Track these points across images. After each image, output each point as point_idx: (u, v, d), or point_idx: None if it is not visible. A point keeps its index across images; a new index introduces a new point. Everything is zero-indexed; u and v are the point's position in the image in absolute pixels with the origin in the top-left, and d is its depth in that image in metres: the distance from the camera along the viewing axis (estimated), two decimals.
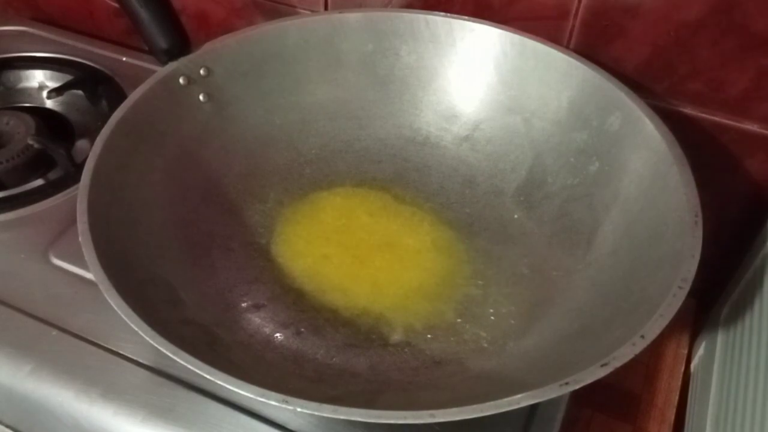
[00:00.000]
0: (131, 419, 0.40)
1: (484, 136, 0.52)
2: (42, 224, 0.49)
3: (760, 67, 0.45)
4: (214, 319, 0.42)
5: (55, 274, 0.46)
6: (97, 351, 0.42)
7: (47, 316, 0.44)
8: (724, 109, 0.48)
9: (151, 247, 0.43)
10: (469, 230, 0.48)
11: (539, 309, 0.43)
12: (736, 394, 0.41)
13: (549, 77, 0.49)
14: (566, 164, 0.48)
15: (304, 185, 0.51)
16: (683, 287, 0.35)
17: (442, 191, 0.51)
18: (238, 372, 0.32)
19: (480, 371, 0.40)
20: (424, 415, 0.30)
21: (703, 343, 0.52)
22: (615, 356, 0.32)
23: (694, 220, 0.38)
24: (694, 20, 0.45)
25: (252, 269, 0.46)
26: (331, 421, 0.40)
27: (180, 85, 0.48)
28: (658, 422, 0.49)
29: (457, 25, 0.51)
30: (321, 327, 0.43)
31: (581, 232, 0.45)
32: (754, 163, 0.49)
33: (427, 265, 0.46)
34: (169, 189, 0.46)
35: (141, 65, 0.63)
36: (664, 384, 0.51)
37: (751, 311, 0.44)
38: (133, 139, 0.45)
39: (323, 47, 0.53)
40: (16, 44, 0.66)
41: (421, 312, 0.44)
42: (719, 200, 0.52)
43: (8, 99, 0.62)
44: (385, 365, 0.41)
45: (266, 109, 0.52)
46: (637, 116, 0.44)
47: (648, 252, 0.40)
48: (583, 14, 0.48)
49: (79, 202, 0.39)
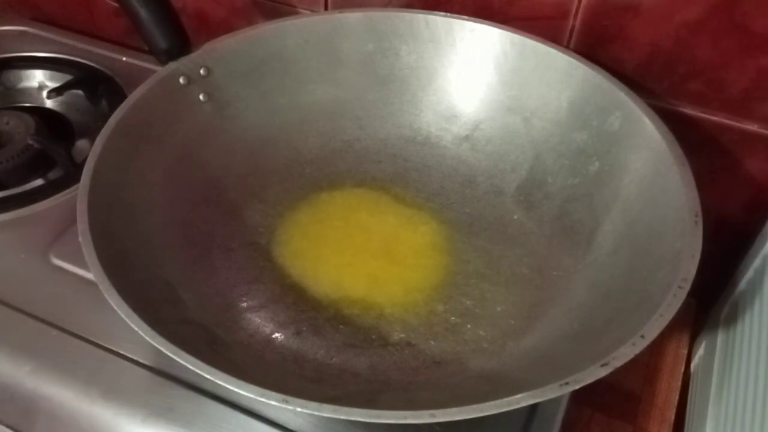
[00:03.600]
0: (131, 419, 0.40)
1: (484, 136, 0.52)
2: (42, 224, 0.49)
3: (760, 67, 0.45)
4: (214, 319, 0.42)
5: (55, 274, 0.46)
6: (97, 351, 0.42)
7: (47, 316, 0.44)
8: (724, 109, 0.48)
9: (151, 247, 0.43)
10: (469, 230, 0.49)
11: (539, 309, 0.43)
12: (736, 394, 0.41)
13: (549, 77, 0.49)
14: (566, 164, 0.48)
15: (304, 185, 0.51)
16: (683, 287, 0.35)
17: (442, 191, 0.51)
18: (238, 372, 0.32)
19: (480, 371, 0.40)
20: (424, 415, 0.30)
21: (703, 343, 0.52)
22: (615, 356, 0.32)
23: (694, 220, 0.38)
24: (694, 20, 0.45)
25: (252, 269, 0.46)
26: (331, 421, 0.40)
27: (180, 85, 0.48)
28: (658, 422, 0.49)
29: (457, 25, 0.51)
30: (321, 327, 0.43)
31: (581, 232, 0.45)
32: (754, 163, 0.49)
33: (427, 264, 0.46)
34: (169, 189, 0.46)
35: (141, 65, 0.63)
36: (664, 384, 0.51)
37: (751, 311, 0.44)
38: (133, 139, 0.45)
39: (323, 47, 0.53)
40: (16, 44, 0.66)
41: (421, 312, 0.44)
42: (719, 200, 0.52)
43: (8, 99, 0.62)
44: (385, 365, 0.41)
45: (266, 109, 0.52)
46: (637, 116, 0.44)
47: (648, 252, 0.40)
48: (583, 14, 0.48)
49: (79, 202, 0.39)
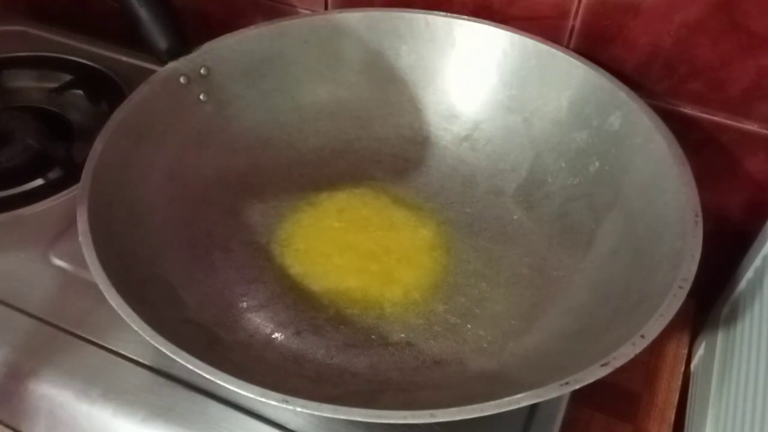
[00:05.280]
0: (131, 419, 0.40)
1: (484, 136, 0.52)
2: (42, 224, 0.49)
3: (760, 67, 0.45)
4: (214, 319, 0.42)
5: (55, 274, 0.46)
6: (97, 351, 0.42)
7: (47, 316, 0.44)
8: (724, 109, 0.48)
9: (151, 247, 0.43)
10: (469, 230, 0.49)
11: (539, 309, 0.43)
12: (736, 394, 0.41)
13: (549, 77, 0.49)
14: (566, 164, 0.48)
15: (304, 185, 0.51)
16: (683, 287, 0.35)
17: (442, 191, 0.51)
18: (238, 372, 0.32)
19: (480, 371, 0.40)
20: (424, 415, 0.30)
21: (703, 343, 0.52)
22: (615, 356, 0.32)
23: (694, 220, 0.38)
24: (694, 20, 0.45)
25: (252, 269, 0.46)
26: (331, 421, 0.39)
27: (180, 85, 0.48)
28: (658, 422, 0.49)
29: (457, 25, 0.51)
30: (321, 327, 0.43)
31: (581, 232, 0.45)
32: (754, 163, 0.49)
33: (427, 264, 0.46)
34: (169, 189, 0.46)
35: (141, 65, 0.63)
36: (664, 384, 0.51)
37: (751, 311, 0.44)
38: (133, 139, 0.45)
39: (323, 47, 0.53)
40: (16, 44, 0.66)
41: (421, 312, 0.44)
42: (719, 200, 0.52)
43: (8, 99, 0.62)
44: (385, 365, 0.41)
45: (266, 109, 0.52)
46: (637, 116, 0.44)
47: (648, 252, 0.40)
48: (583, 14, 0.48)
49: (79, 202, 0.39)
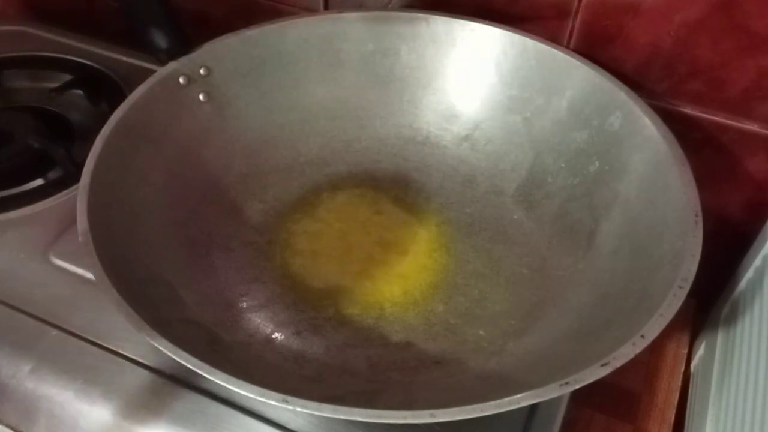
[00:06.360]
0: (131, 419, 0.40)
1: (484, 136, 0.52)
2: (42, 224, 0.49)
3: (760, 67, 0.45)
4: (214, 319, 0.42)
5: (55, 274, 0.46)
6: (97, 351, 0.42)
7: (47, 316, 0.44)
8: (724, 109, 0.48)
9: (151, 247, 0.43)
10: (469, 230, 0.49)
11: (539, 309, 0.43)
12: (736, 394, 0.41)
13: (549, 77, 0.49)
14: (566, 164, 0.48)
15: (304, 185, 0.51)
16: (683, 287, 0.35)
17: (442, 191, 0.51)
18: (238, 372, 0.32)
19: (480, 371, 0.40)
20: (424, 415, 0.30)
21: (703, 343, 0.52)
22: (615, 356, 0.32)
23: (694, 220, 0.38)
24: (694, 20, 0.45)
25: (252, 269, 0.46)
26: (331, 421, 0.39)
27: (180, 85, 0.48)
28: (658, 422, 0.49)
29: (457, 25, 0.51)
30: (321, 327, 0.43)
31: (581, 232, 0.45)
32: (754, 163, 0.49)
33: (427, 264, 0.46)
34: (169, 189, 0.46)
35: (141, 65, 0.63)
36: (664, 384, 0.51)
37: (751, 311, 0.44)
38: (133, 139, 0.45)
39: (323, 47, 0.53)
40: (16, 44, 0.66)
41: (421, 312, 0.44)
42: (719, 200, 0.52)
43: (8, 99, 0.62)
44: (385, 365, 0.41)
45: (266, 109, 0.52)
46: (637, 116, 0.44)
47: (648, 252, 0.40)
48: (583, 14, 0.48)
49: (79, 202, 0.39)
